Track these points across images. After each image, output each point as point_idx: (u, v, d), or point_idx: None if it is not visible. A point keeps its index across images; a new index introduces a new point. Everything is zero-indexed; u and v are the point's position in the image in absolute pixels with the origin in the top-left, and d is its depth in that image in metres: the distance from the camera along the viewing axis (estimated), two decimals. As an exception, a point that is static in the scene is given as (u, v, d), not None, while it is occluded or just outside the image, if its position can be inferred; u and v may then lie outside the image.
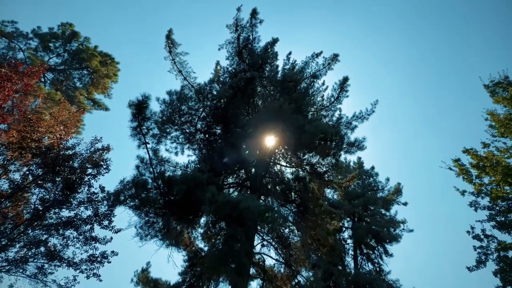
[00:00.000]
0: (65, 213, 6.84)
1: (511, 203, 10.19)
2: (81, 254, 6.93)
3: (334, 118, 9.89)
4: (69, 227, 6.67)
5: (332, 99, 11.45)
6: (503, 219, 10.00)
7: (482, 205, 10.89)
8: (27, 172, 6.70)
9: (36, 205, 6.79)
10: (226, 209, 4.93)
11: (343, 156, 9.83)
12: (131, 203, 6.39)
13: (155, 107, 8.19)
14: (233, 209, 4.89)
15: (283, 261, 10.82)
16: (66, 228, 6.67)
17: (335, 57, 11.84)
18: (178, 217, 6.56)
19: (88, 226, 6.93)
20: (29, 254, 6.32)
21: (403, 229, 18.13)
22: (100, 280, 7.07)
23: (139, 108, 6.17)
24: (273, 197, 9.94)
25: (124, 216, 6.79)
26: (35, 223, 6.61)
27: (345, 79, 10.99)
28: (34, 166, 6.68)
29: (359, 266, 17.52)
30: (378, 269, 16.69)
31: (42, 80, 15.41)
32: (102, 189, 7.25)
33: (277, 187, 11.01)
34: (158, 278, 11.29)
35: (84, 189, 7.07)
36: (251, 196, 6.40)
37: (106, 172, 7.36)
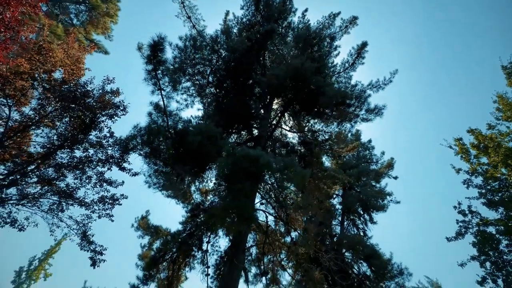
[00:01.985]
0: (77, 153, 6.74)
1: (503, 184, 10.68)
2: (93, 195, 7.04)
3: (349, 85, 9.57)
4: (84, 165, 6.61)
5: (347, 64, 10.97)
6: (492, 197, 10.56)
7: (475, 183, 11.40)
8: (39, 107, 6.35)
9: (51, 141, 6.59)
10: (245, 163, 4.92)
11: (355, 125, 9.70)
12: (143, 151, 6.31)
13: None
14: (251, 163, 4.89)
15: (279, 219, 11.42)
16: (79, 167, 6.62)
17: (353, 20, 11.04)
18: (187, 169, 6.56)
19: (105, 168, 6.89)
20: (43, 191, 6.35)
21: (391, 200, 19.13)
22: (112, 220, 7.30)
23: (154, 50, 5.68)
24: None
25: (133, 164, 6.79)
26: (48, 161, 6.50)
27: (364, 45, 10.40)
28: (47, 100, 6.31)
29: (345, 230, 18.86)
30: (362, 234, 17.96)
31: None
32: (111, 134, 7.04)
33: (281, 150, 11.07)
34: (158, 225, 11.84)
35: (97, 131, 6.84)
36: (268, 153, 6.39)
37: (123, 114, 7.06)
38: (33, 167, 6.32)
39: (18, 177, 6.04)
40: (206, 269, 9.02)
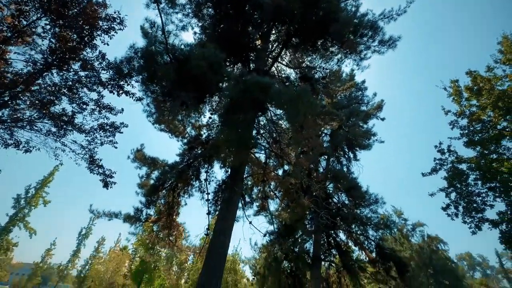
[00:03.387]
0: (69, 76, 6.12)
1: (485, 125, 11.35)
2: (92, 121, 6.78)
3: (358, 13, 8.72)
4: (78, 88, 6.13)
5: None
6: (472, 137, 11.34)
7: (460, 125, 12.04)
8: (17, 13, 5.32)
9: (35, 60, 5.87)
10: (255, 91, 4.72)
11: (361, 62, 9.22)
12: (139, 76, 5.82)
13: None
14: (261, 91, 4.68)
15: (274, 152, 11.94)
16: (73, 89, 6.13)
17: None
18: (187, 96, 6.29)
19: (106, 89, 6.42)
20: (39, 114, 5.98)
21: (376, 139, 20.20)
22: (115, 147, 7.26)
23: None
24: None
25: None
26: (37, 81, 5.92)
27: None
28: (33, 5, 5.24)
29: (330, 166, 20.36)
30: (346, 170, 19.45)
31: None
32: (102, 56, 6.31)
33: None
34: (155, 157, 12.06)
35: (89, 49, 6.08)
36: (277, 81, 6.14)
37: (120, 29, 6.20)
38: (21, 88, 5.76)
39: (7, 99, 5.55)
40: (207, 195, 9.70)
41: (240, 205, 11.03)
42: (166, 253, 35.42)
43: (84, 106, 6.49)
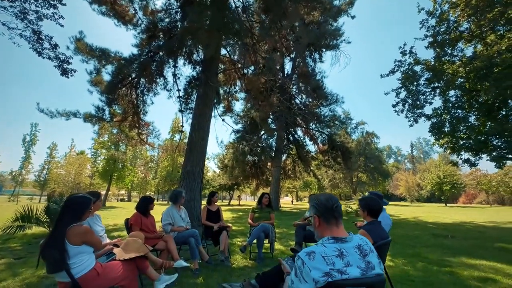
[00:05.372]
0: None
1: (449, 27, 11.73)
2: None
3: None
4: None
5: None
6: (436, 37, 11.82)
7: (429, 24, 12.20)
8: None
9: None
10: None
11: None
12: None
13: None
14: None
15: (247, 48, 11.02)
16: None
17: None
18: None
19: None
20: None
21: (343, 40, 19.81)
22: (61, 25, 5.60)
23: None
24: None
25: None
26: None
27: None
28: None
29: (296, 67, 20.24)
30: (311, 70, 19.55)
31: None
32: None
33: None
34: (105, 47, 10.10)
35: None
36: None
37: None
38: None
39: None
40: (178, 92, 9.11)
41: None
42: (134, 151, 36.02)
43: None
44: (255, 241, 4.20)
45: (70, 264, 1.75)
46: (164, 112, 35.12)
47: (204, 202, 5.62)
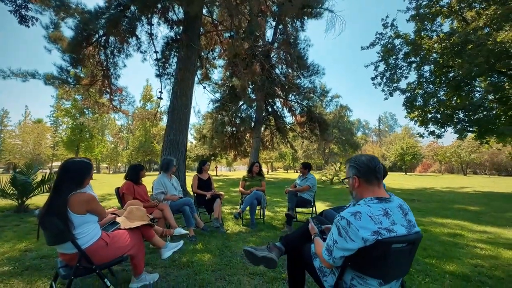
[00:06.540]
0: None
1: (431, 0, 11.82)
2: None
3: None
4: None
5: None
6: (419, 10, 11.90)
7: (412, -4, 12.15)
8: None
9: None
10: None
11: None
12: None
13: None
14: None
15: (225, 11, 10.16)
16: None
17: None
18: None
19: None
20: None
21: (326, 8, 19.15)
22: None
23: None
24: None
25: None
26: None
27: None
28: None
29: (277, 34, 19.42)
30: (293, 39, 18.90)
31: None
32: None
33: None
34: None
35: None
36: None
37: None
38: None
39: None
40: (155, 54, 8.30)
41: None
42: (102, 120, 33.48)
43: None
44: (247, 208, 4.25)
45: (76, 234, 1.58)
46: (138, 77, 32.48)
47: (189, 173, 5.48)
